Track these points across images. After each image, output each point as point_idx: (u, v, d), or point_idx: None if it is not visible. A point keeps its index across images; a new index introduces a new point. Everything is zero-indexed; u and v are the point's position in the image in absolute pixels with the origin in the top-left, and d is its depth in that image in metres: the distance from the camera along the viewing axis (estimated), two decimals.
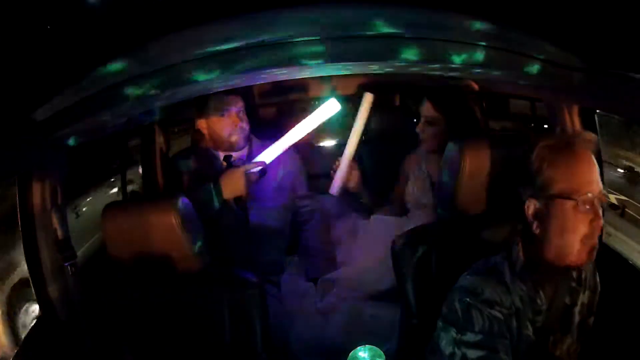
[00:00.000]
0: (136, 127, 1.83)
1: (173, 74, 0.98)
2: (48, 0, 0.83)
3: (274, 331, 1.40)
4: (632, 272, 1.19)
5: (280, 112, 2.57)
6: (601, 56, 1.00)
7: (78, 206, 2.97)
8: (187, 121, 1.74)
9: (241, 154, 1.68)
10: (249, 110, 1.69)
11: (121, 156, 2.16)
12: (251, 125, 1.68)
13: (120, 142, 2.15)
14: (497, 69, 1.08)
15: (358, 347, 1.14)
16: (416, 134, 1.64)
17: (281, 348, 1.44)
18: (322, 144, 2.54)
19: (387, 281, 1.48)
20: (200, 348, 1.15)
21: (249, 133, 1.68)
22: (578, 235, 0.88)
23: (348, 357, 1.13)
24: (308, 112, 1.66)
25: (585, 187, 0.88)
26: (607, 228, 1.40)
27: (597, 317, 1.03)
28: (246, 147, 1.69)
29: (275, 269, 1.70)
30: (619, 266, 1.22)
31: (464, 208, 1.19)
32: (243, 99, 1.64)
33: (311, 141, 2.57)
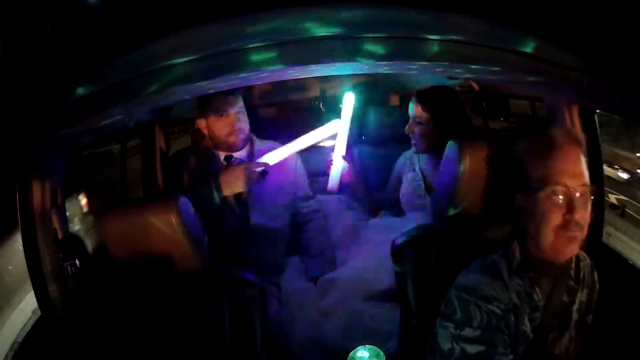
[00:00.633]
0: (136, 127, 1.83)
1: (173, 74, 0.98)
2: (48, 0, 0.83)
3: (274, 331, 1.40)
4: (632, 272, 1.19)
5: (280, 112, 2.57)
6: (601, 56, 1.00)
7: None
8: (187, 121, 1.74)
9: (242, 154, 1.68)
10: (249, 110, 1.69)
11: (121, 156, 2.16)
12: (251, 125, 1.68)
13: (120, 142, 2.15)
14: (507, 72, 1.08)
15: (358, 347, 1.14)
16: None
17: (281, 348, 1.44)
18: (323, 144, 2.55)
19: (387, 281, 1.48)
20: (200, 348, 1.15)
21: (250, 133, 1.68)
22: (550, 225, 0.89)
23: (348, 357, 1.13)
24: (309, 112, 1.67)
25: (559, 178, 0.89)
26: (607, 228, 1.40)
27: (597, 317, 1.03)
28: (247, 147, 1.69)
29: (275, 269, 1.69)
30: (619, 266, 1.22)
31: (464, 208, 1.19)
32: (243, 99, 1.64)
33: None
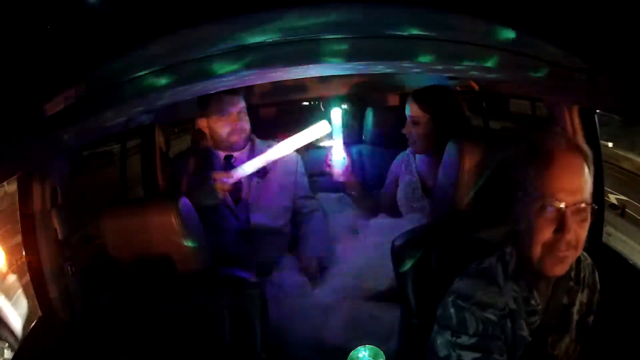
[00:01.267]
0: (136, 127, 1.83)
1: (172, 74, 0.98)
2: (48, 0, 0.83)
3: (274, 331, 1.40)
4: (632, 272, 1.19)
5: (280, 112, 2.57)
6: (601, 56, 1.00)
7: None
8: (187, 121, 1.74)
9: (242, 154, 1.68)
10: (249, 110, 1.69)
11: (121, 156, 2.16)
12: (251, 125, 1.68)
13: (120, 142, 2.15)
14: (506, 72, 1.08)
15: (358, 347, 1.13)
16: None
17: (281, 348, 1.44)
18: (322, 144, 2.54)
19: (387, 281, 1.48)
20: (200, 348, 1.15)
21: (250, 133, 1.68)
22: (539, 240, 0.86)
23: (348, 357, 1.13)
24: (308, 112, 1.66)
25: (555, 193, 0.84)
26: (607, 228, 1.39)
27: (597, 318, 1.02)
28: (247, 147, 1.69)
29: (275, 269, 1.69)
30: (619, 266, 1.22)
31: (464, 208, 1.19)
32: (243, 99, 1.64)
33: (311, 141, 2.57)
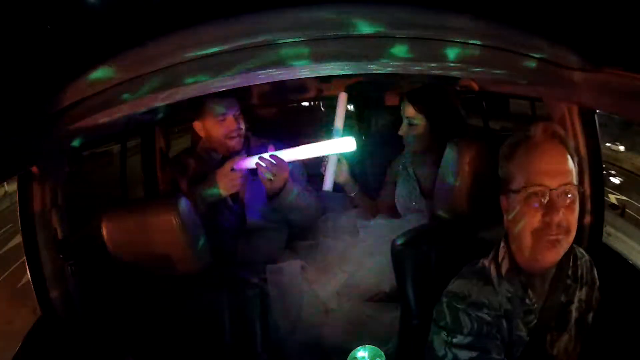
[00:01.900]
0: (136, 127, 1.83)
1: (172, 74, 0.98)
2: (48, 0, 0.83)
3: (274, 331, 1.40)
4: (632, 272, 1.19)
5: (279, 112, 2.57)
6: (601, 56, 1.00)
7: None
8: (187, 121, 1.74)
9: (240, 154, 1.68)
10: (249, 110, 1.69)
11: (121, 155, 2.16)
12: (250, 125, 1.68)
13: (120, 142, 2.15)
14: (495, 68, 1.08)
15: (358, 347, 1.14)
16: None
17: (281, 348, 1.44)
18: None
19: (387, 281, 1.48)
20: (200, 348, 1.15)
21: (247, 133, 1.68)
22: (528, 228, 0.86)
23: (348, 357, 1.13)
24: (308, 112, 1.66)
25: (534, 179, 0.86)
26: (607, 228, 1.39)
27: (597, 318, 1.02)
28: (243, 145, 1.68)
29: (275, 268, 1.69)
30: (619, 266, 1.22)
31: (464, 208, 1.19)
32: (242, 99, 1.64)
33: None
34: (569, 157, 0.88)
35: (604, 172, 1.30)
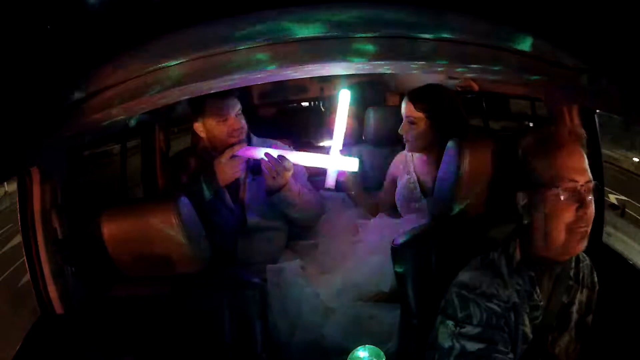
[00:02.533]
0: (136, 127, 1.83)
1: (171, 74, 0.98)
2: (48, 0, 0.83)
3: (274, 331, 1.40)
4: (632, 272, 1.19)
5: (280, 112, 2.57)
6: (601, 56, 1.00)
7: None
8: (187, 121, 1.74)
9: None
10: (249, 110, 1.68)
11: (121, 155, 2.17)
12: (251, 124, 1.67)
13: (120, 142, 2.15)
14: (507, 72, 1.08)
15: (358, 347, 1.14)
16: None
17: (281, 348, 1.44)
18: (322, 144, 2.55)
19: (387, 281, 1.48)
20: (200, 348, 1.15)
21: (248, 131, 1.67)
22: (562, 223, 0.89)
23: (348, 357, 1.13)
24: (308, 112, 1.66)
25: (568, 175, 0.89)
26: (607, 228, 1.39)
27: (597, 317, 1.03)
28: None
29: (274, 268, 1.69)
30: (619, 266, 1.22)
31: (464, 208, 1.19)
32: (242, 99, 1.63)
33: (311, 141, 2.58)
34: (585, 157, 0.94)
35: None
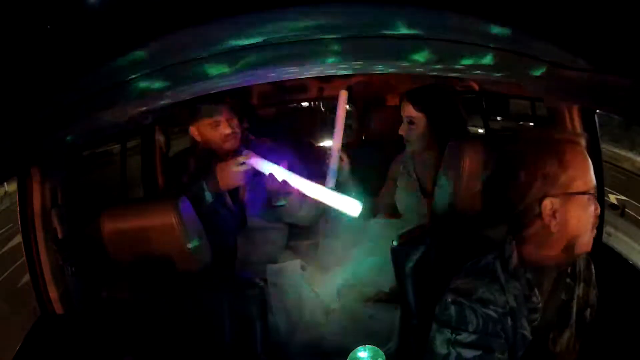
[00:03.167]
0: (136, 127, 1.84)
1: (174, 73, 0.98)
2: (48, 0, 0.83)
3: (274, 331, 1.40)
4: (632, 272, 1.19)
5: (280, 112, 2.57)
6: (602, 56, 1.00)
7: None
8: (185, 125, 1.74)
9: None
10: (249, 110, 1.68)
11: (121, 155, 2.17)
12: (251, 125, 1.67)
13: (120, 142, 2.16)
14: (504, 71, 1.08)
15: (358, 347, 1.14)
16: None
17: (281, 348, 1.44)
18: (322, 144, 2.55)
19: (387, 281, 1.48)
20: (200, 348, 1.15)
21: (246, 133, 1.67)
22: (590, 225, 0.94)
23: (348, 357, 1.13)
24: (308, 112, 1.65)
25: (593, 182, 0.94)
26: (607, 228, 1.39)
27: (598, 317, 1.03)
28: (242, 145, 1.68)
29: (274, 268, 1.69)
30: (619, 266, 1.22)
31: (464, 208, 1.19)
32: (242, 99, 1.63)
33: (311, 141, 2.58)
34: None
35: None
